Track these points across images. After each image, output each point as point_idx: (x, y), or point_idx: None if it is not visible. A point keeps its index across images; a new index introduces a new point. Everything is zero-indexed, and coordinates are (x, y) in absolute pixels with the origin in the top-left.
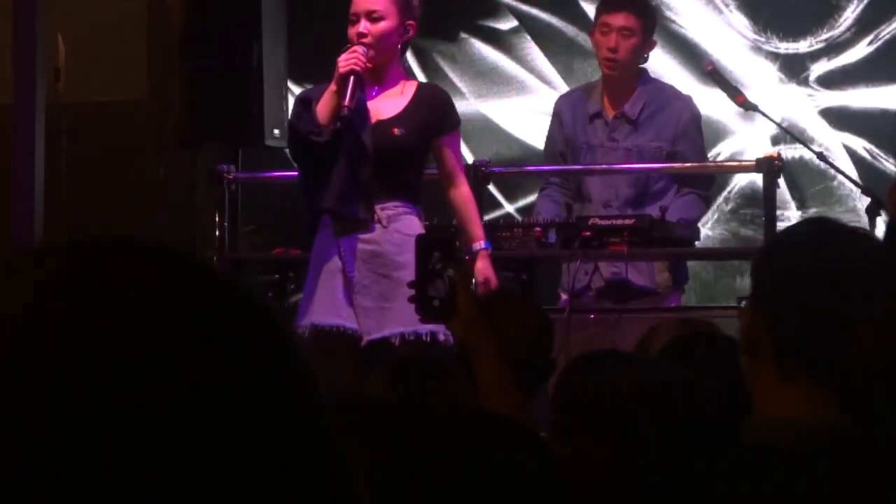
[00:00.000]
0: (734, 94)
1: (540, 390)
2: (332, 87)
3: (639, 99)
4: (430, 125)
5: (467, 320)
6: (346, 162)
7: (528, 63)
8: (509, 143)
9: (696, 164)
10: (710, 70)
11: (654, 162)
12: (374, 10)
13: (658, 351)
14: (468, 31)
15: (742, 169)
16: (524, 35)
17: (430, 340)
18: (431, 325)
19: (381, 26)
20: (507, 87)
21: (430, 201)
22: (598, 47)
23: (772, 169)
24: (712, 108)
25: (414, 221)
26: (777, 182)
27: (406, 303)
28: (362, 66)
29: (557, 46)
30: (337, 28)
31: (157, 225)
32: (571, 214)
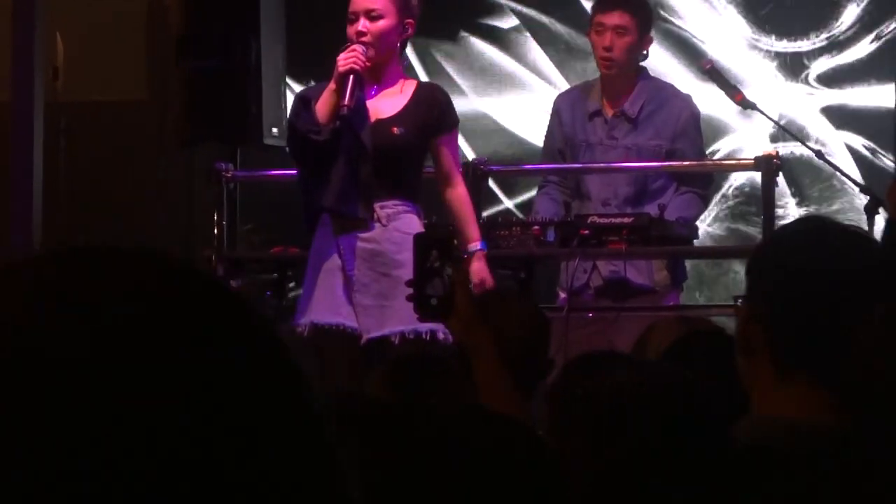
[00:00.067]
0: (732, 92)
1: (538, 389)
2: (332, 85)
3: (638, 97)
4: (428, 124)
5: (465, 319)
6: (346, 161)
7: (528, 61)
8: (509, 141)
9: (694, 163)
10: (708, 68)
11: (653, 160)
12: (373, 9)
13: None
14: (468, 29)
15: (741, 168)
16: (524, 33)
17: (429, 339)
18: (431, 324)
19: (381, 25)
20: (507, 85)
21: (429, 200)
22: (594, 47)
23: (770, 167)
24: (711, 106)
25: (413, 220)
26: (776, 180)
27: (406, 301)
28: (361, 64)
29: (557, 45)
30: (336, 27)
31: (155, 224)
32: (570, 213)
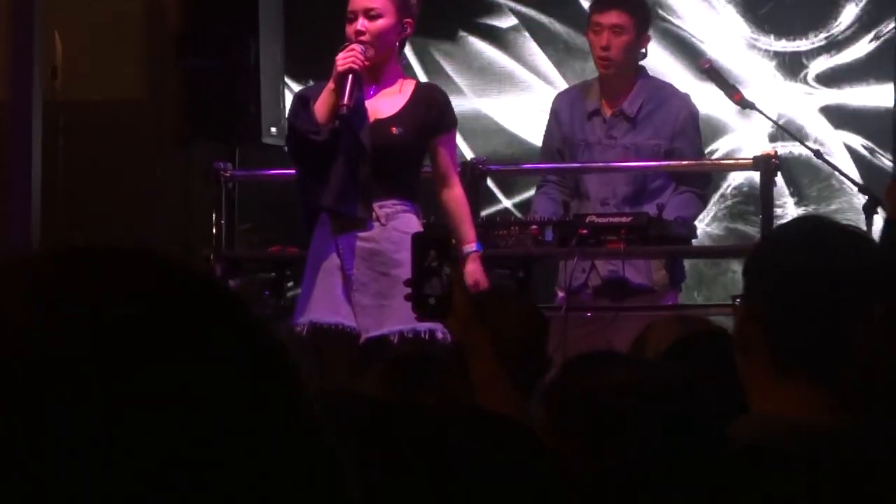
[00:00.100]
0: (731, 91)
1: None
2: (330, 85)
3: (637, 96)
4: (427, 125)
5: (463, 319)
6: (345, 161)
7: (527, 60)
8: (508, 140)
9: (693, 163)
10: (707, 68)
11: (651, 160)
12: (371, 8)
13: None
14: (467, 28)
15: (739, 167)
16: (523, 33)
17: (428, 338)
18: (430, 323)
19: (379, 24)
20: (506, 85)
21: (427, 200)
22: (591, 46)
23: (769, 167)
24: (710, 105)
25: (412, 219)
26: (774, 180)
27: (405, 301)
28: (360, 64)
29: (556, 44)
30: (334, 26)
31: (153, 223)
32: (568, 212)
